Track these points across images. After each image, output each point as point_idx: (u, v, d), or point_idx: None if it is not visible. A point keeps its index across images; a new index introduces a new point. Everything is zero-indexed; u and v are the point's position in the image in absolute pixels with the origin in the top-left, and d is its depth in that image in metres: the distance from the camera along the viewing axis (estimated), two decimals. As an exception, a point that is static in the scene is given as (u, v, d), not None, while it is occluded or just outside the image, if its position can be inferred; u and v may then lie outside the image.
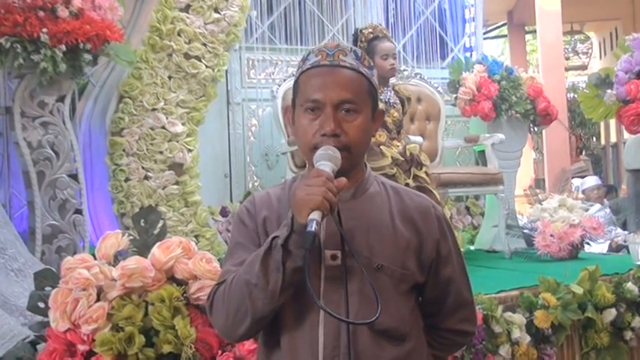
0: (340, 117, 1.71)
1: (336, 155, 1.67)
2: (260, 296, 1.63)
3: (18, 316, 2.96)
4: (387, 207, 1.80)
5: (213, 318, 1.76)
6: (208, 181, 5.25)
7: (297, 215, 1.58)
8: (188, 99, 4.98)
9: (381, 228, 1.75)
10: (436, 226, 1.82)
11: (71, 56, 3.75)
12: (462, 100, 5.78)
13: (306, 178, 1.64)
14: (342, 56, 1.75)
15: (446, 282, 1.85)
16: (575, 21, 14.91)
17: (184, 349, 2.48)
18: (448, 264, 1.84)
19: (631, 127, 4.77)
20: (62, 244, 3.91)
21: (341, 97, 1.71)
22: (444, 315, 1.88)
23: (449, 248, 1.85)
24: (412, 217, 1.80)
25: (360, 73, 1.75)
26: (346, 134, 1.70)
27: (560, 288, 3.66)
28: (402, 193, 1.85)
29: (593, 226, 4.97)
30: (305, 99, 1.73)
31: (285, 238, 1.61)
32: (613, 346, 3.77)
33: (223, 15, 5.08)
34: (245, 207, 1.83)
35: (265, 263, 1.62)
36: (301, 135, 1.75)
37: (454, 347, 2.07)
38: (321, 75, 1.74)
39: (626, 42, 4.86)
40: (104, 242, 2.69)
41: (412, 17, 6.62)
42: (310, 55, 1.78)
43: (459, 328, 1.92)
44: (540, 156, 14.37)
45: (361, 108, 1.74)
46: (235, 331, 1.72)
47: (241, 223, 1.81)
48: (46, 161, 3.90)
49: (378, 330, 1.70)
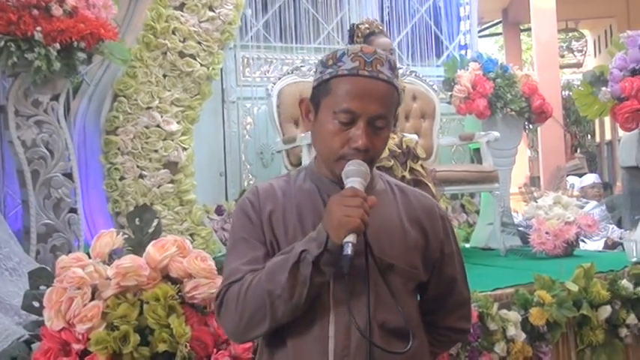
0: (371, 131, 1.68)
1: (367, 171, 1.66)
2: (281, 307, 1.62)
3: (13, 315, 2.96)
4: (395, 206, 1.80)
5: (223, 319, 1.73)
6: (203, 179, 5.25)
7: (334, 235, 1.57)
8: (183, 97, 4.98)
9: (391, 227, 1.75)
10: (440, 225, 1.84)
11: (65, 55, 3.74)
12: (457, 98, 5.78)
13: (342, 197, 1.60)
14: (379, 66, 1.69)
15: (449, 281, 1.86)
16: (570, 19, 14.93)
17: (179, 348, 2.47)
18: (451, 263, 1.86)
19: (625, 124, 4.77)
20: (57, 243, 3.90)
21: (377, 112, 1.68)
22: (443, 313, 1.89)
23: (452, 247, 1.86)
24: (418, 217, 1.80)
25: (394, 86, 1.72)
26: (374, 148, 1.69)
27: (555, 285, 3.66)
28: (407, 193, 1.85)
29: (588, 224, 4.98)
30: (338, 106, 1.68)
31: (317, 256, 1.59)
32: (608, 344, 3.78)
33: (218, 13, 5.08)
34: (249, 199, 1.78)
35: (293, 276, 1.60)
36: (327, 140, 1.71)
37: (451, 344, 2.12)
38: (359, 86, 1.68)
39: (620, 40, 4.86)
40: (99, 241, 2.68)
41: (407, 15, 6.62)
42: (345, 57, 1.71)
43: (458, 326, 1.94)
44: (535, 154, 14.39)
45: (389, 122, 1.72)
46: (246, 335, 1.72)
47: (245, 217, 1.76)
48: (40, 160, 3.89)
49: (388, 329, 1.69)
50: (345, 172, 1.65)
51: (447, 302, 1.89)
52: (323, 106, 1.72)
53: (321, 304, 1.68)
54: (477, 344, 3.28)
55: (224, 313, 1.71)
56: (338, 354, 1.66)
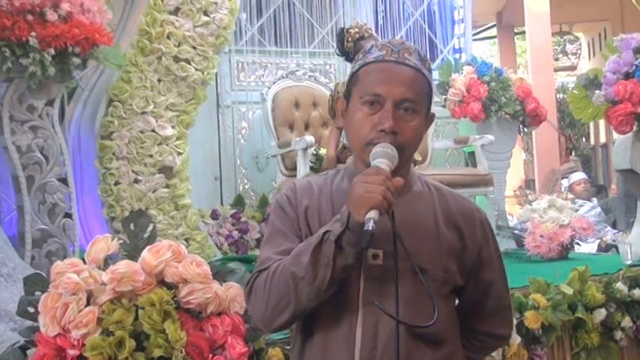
0: (399, 115, 1.69)
1: (393, 154, 1.65)
2: (305, 290, 1.61)
3: (7, 321, 2.95)
4: (432, 207, 1.78)
5: (252, 305, 1.73)
6: (198, 184, 5.25)
7: (355, 212, 1.56)
8: (178, 102, 4.97)
9: (425, 230, 1.73)
10: (479, 230, 1.82)
11: (60, 60, 3.74)
12: (451, 101, 5.80)
13: (364, 175, 1.60)
14: (407, 55, 1.72)
15: (486, 286, 1.84)
16: (564, 22, 14.98)
17: (175, 353, 2.47)
18: (489, 268, 1.84)
19: (620, 127, 4.78)
20: (52, 248, 3.89)
21: (403, 96, 1.69)
22: (482, 318, 1.87)
23: (490, 252, 1.85)
24: (456, 220, 1.79)
25: (422, 74, 1.73)
26: (403, 134, 1.69)
27: (550, 288, 3.66)
28: (445, 194, 1.83)
29: (582, 227, 4.99)
30: (365, 92, 1.71)
31: (339, 234, 1.59)
32: (603, 346, 3.78)
33: (213, 18, 5.08)
34: (286, 194, 1.80)
35: (315, 257, 1.60)
36: (356, 127, 1.72)
37: (489, 350, 2.07)
38: (385, 70, 1.71)
39: (614, 43, 4.87)
40: (94, 246, 2.68)
41: (401, 19, 6.64)
42: (373, 48, 1.75)
43: (496, 332, 1.91)
44: (530, 157, 14.41)
45: (419, 109, 1.72)
46: (273, 322, 1.69)
47: (282, 210, 1.78)
48: (35, 165, 3.88)
49: (417, 333, 1.67)
50: (372, 155, 1.65)
51: (485, 307, 1.86)
52: (353, 97, 1.75)
53: (350, 304, 1.67)
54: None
55: (253, 300, 1.71)
56: (365, 356, 1.65)
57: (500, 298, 1.89)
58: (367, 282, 1.67)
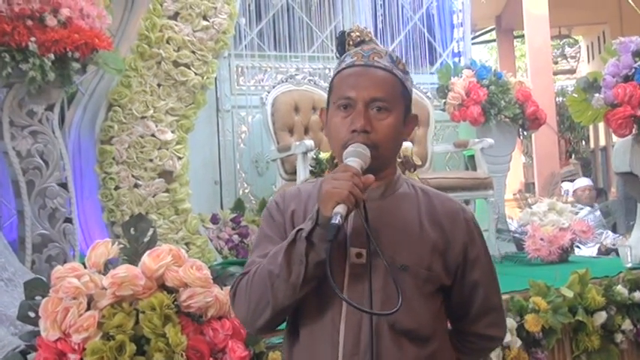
0: (371, 115, 1.74)
1: (365, 153, 1.69)
2: (282, 287, 1.65)
3: (8, 325, 2.95)
4: (416, 208, 1.81)
5: (236, 308, 1.79)
6: (198, 188, 5.25)
7: (323, 208, 1.60)
8: (177, 106, 4.98)
9: (408, 229, 1.76)
10: (465, 229, 1.83)
11: (60, 65, 3.74)
12: (450, 105, 5.80)
13: (333, 173, 1.65)
14: (377, 58, 1.79)
15: (473, 286, 1.85)
16: (563, 25, 14.99)
17: (175, 357, 2.47)
18: (476, 268, 1.85)
19: (619, 130, 4.79)
20: (52, 253, 3.89)
21: (372, 95, 1.74)
22: (471, 319, 1.88)
23: (477, 253, 1.85)
24: (440, 219, 1.81)
25: (393, 74, 1.78)
26: (376, 132, 1.73)
27: (550, 291, 3.67)
28: (431, 196, 1.86)
29: (582, 230, 4.99)
30: (338, 97, 1.77)
31: (310, 231, 1.63)
32: (604, 349, 3.78)
33: (212, 22, 5.09)
34: (275, 201, 1.87)
35: (289, 255, 1.64)
36: (333, 132, 1.78)
37: (481, 352, 2.06)
38: (354, 74, 1.78)
39: (613, 46, 4.88)
40: (94, 251, 2.68)
41: (400, 23, 6.64)
42: (347, 57, 1.83)
43: (487, 333, 1.92)
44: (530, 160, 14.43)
45: (392, 108, 1.76)
46: (256, 322, 1.74)
47: (270, 216, 1.84)
48: (35, 170, 3.89)
49: (400, 330, 1.70)
50: (344, 155, 1.70)
51: (473, 308, 1.87)
52: (330, 104, 1.82)
53: (334, 302, 1.70)
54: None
55: (237, 302, 1.77)
56: (347, 352, 1.68)
57: (489, 298, 1.89)
58: (350, 279, 1.71)
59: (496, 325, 1.93)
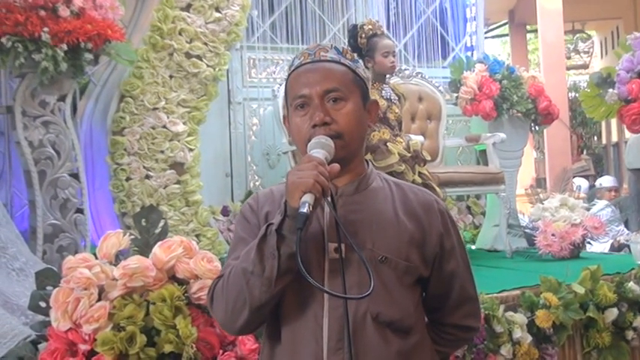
0: (328, 107, 1.75)
1: (328, 143, 1.70)
2: (257, 284, 1.64)
3: (19, 315, 2.96)
4: (390, 201, 1.82)
5: (214, 311, 1.78)
6: (209, 180, 5.25)
7: (290, 199, 1.60)
8: (189, 98, 4.98)
9: (385, 221, 1.76)
10: (439, 220, 1.84)
11: (72, 55, 3.75)
12: (463, 99, 5.77)
13: (297, 165, 1.65)
14: (322, 52, 1.81)
15: (449, 277, 1.86)
16: (577, 20, 14.92)
17: (185, 349, 2.48)
18: (452, 259, 1.86)
19: (632, 126, 4.76)
20: (63, 243, 3.91)
21: (324, 87, 1.75)
22: (448, 310, 1.90)
23: (452, 243, 1.86)
24: (415, 210, 1.82)
25: (341, 64, 1.80)
26: (336, 122, 1.74)
27: (561, 287, 3.65)
28: (405, 188, 1.87)
29: (594, 226, 4.97)
30: (293, 98, 1.79)
31: (279, 223, 1.62)
32: (615, 346, 3.77)
33: (224, 14, 5.08)
34: (249, 204, 1.86)
35: (261, 250, 1.64)
36: (295, 132, 1.79)
37: (458, 343, 2.08)
38: (304, 72, 1.79)
39: (627, 41, 4.84)
40: (105, 242, 2.69)
41: (413, 16, 6.62)
42: (295, 59, 1.85)
43: (463, 324, 1.93)
44: (541, 155, 14.38)
45: (348, 96, 1.77)
46: (235, 323, 1.72)
47: (244, 219, 1.83)
48: (47, 160, 3.90)
49: (383, 322, 1.71)
50: (308, 149, 1.70)
51: (450, 299, 1.88)
52: (289, 106, 1.83)
53: (315, 298, 1.71)
54: (483, 346, 3.28)
55: (215, 305, 1.75)
56: (332, 347, 1.68)
57: (465, 289, 1.91)
58: (330, 275, 1.71)
59: (472, 316, 1.95)
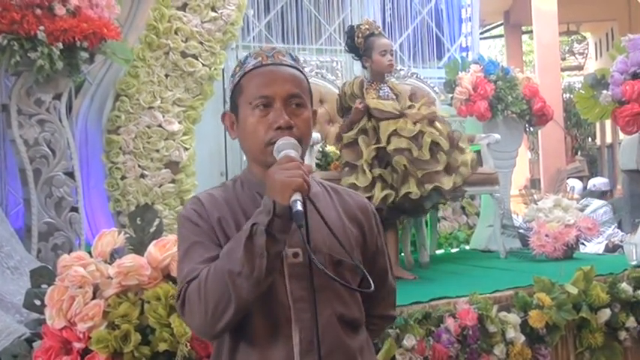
0: (290, 111, 1.77)
1: (297, 144, 1.72)
2: (244, 284, 1.61)
3: (14, 313, 2.97)
4: (333, 205, 1.87)
5: (188, 316, 1.71)
6: (204, 179, 5.24)
7: (280, 198, 1.59)
8: (185, 97, 4.98)
9: (332, 225, 1.76)
10: (374, 221, 1.95)
11: (68, 54, 3.75)
12: (457, 99, 5.79)
13: (279, 164, 1.65)
14: (281, 56, 1.83)
15: (383, 272, 1.97)
16: (572, 21, 14.97)
17: (180, 347, 2.48)
18: (383, 255, 1.98)
19: (626, 127, 4.77)
20: (58, 241, 3.91)
21: (289, 92, 1.77)
22: (376, 303, 1.96)
23: (382, 241, 1.99)
24: (355, 214, 1.90)
25: (300, 71, 1.84)
26: (298, 127, 1.76)
27: (554, 288, 3.66)
28: (341, 192, 1.94)
29: (588, 226, 4.98)
30: (253, 97, 1.78)
31: (269, 223, 1.60)
32: (607, 346, 3.78)
33: (220, 14, 5.09)
34: (193, 209, 1.80)
35: (249, 250, 1.60)
36: (251, 132, 1.78)
37: (380, 332, 2.24)
38: (266, 73, 1.80)
39: (621, 43, 4.86)
40: (100, 240, 2.69)
41: (409, 17, 6.63)
42: (248, 58, 1.85)
43: (388, 314, 2.07)
44: (536, 156, 14.41)
45: (306, 103, 1.81)
46: (215, 326, 1.66)
47: (193, 224, 1.78)
48: (42, 159, 3.90)
49: (346, 320, 1.78)
50: (277, 148, 1.70)
51: (380, 292, 1.93)
52: (240, 106, 1.82)
53: (281, 305, 1.72)
54: (476, 346, 3.29)
55: (188, 310, 1.69)
56: (304, 349, 1.70)
57: (390, 282, 2.02)
58: (292, 280, 1.73)
59: (393, 306, 2.08)
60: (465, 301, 3.37)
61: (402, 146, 4.14)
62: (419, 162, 4.15)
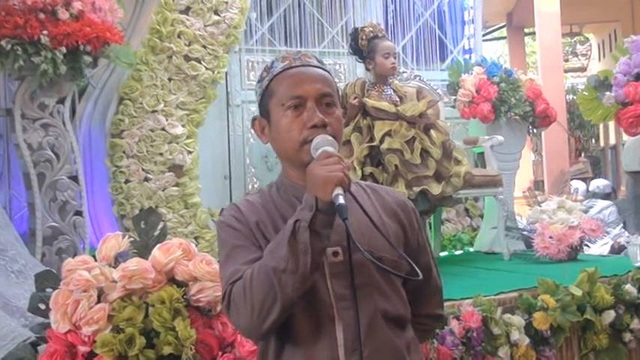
0: (323, 110, 1.78)
1: (334, 141, 1.72)
2: (289, 281, 1.62)
3: (19, 317, 2.97)
4: (371, 203, 1.86)
5: (234, 317, 1.71)
6: (208, 182, 5.26)
7: (322, 193, 1.60)
8: (188, 101, 5.00)
9: (371, 223, 1.76)
10: (413, 217, 1.94)
11: (71, 58, 3.76)
12: (461, 101, 5.79)
13: (318, 161, 1.65)
14: (307, 59, 1.85)
15: (426, 270, 1.92)
16: (575, 23, 14.94)
17: (185, 351, 2.48)
18: (425, 252, 1.96)
19: (630, 129, 4.78)
20: (62, 245, 3.91)
21: (321, 91, 1.78)
22: (423, 301, 1.95)
23: (424, 238, 1.97)
24: (394, 210, 1.89)
25: (327, 72, 1.85)
26: (331, 126, 1.77)
27: (559, 290, 3.66)
28: (378, 190, 1.94)
29: (592, 228, 4.97)
30: (285, 98, 1.78)
31: (311, 219, 1.61)
32: (612, 348, 3.77)
33: (223, 17, 5.10)
34: (230, 215, 1.83)
35: (293, 246, 1.61)
36: (285, 134, 1.78)
37: (429, 333, 2.22)
38: (296, 75, 1.81)
39: (624, 44, 4.86)
40: (105, 244, 2.69)
41: (411, 19, 6.63)
42: (275, 63, 1.86)
43: (436, 313, 2.04)
44: (539, 158, 14.39)
45: (336, 102, 1.82)
46: (263, 325, 1.66)
47: (233, 229, 1.80)
48: (46, 163, 3.91)
49: (391, 318, 1.76)
50: (314, 146, 1.71)
51: (425, 291, 1.94)
52: (272, 109, 1.82)
53: (324, 304, 1.71)
54: (481, 348, 3.28)
55: (234, 311, 1.70)
56: (348, 348, 1.70)
57: (436, 280, 2.01)
58: (333, 279, 1.73)
59: (441, 305, 2.06)
60: (469, 303, 3.37)
61: (395, 146, 4.18)
62: (409, 165, 4.21)
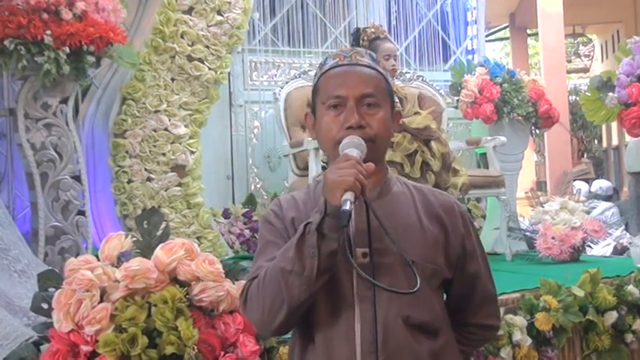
0: (363, 111, 1.77)
1: (361, 143, 1.71)
2: (296, 283, 1.64)
3: (21, 317, 2.97)
4: (412, 205, 1.84)
5: (249, 313, 1.77)
6: (210, 182, 5.26)
7: (331, 197, 1.60)
8: (191, 101, 5.00)
9: (409, 225, 1.78)
10: (460, 222, 1.88)
11: (74, 58, 3.76)
12: (463, 102, 5.79)
13: (335, 164, 1.66)
14: (358, 57, 1.83)
15: (472, 277, 1.90)
16: (577, 23, 14.94)
17: (187, 350, 2.48)
18: (473, 260, 1.90)
19: (632, 130, 4.77)
20: (65, 245, 3.91)
21: (362, 92, 1.77)
22: (471, 310, 1.93)
23: (473, 244, 1.90)
24: (438, 213, 1.85)
25: (377, 71, 1.83)
26: (370, 127, 1.76)
27: (561, 290, 3.65)
28: (425, 192, 1.90)
29: (594, 229, 4.97)
30: (327, 97, 1.79)
31: (320, 222, 1.62)
32: (614, 349, 3.77)
33: (226, 17, 5.10)
34: (272, 209, 1.87)
35: (300, 249, 1.63)
36: (324, 132, 1.80)
37: (481, 342, 2.17)
38: (341, 74, 1.81)
39: (627, 45, 4.85)
40: (107, 244, 2.69)
41: (414, 20, 6.63)
42: (328, 59, 1.86)
43: (487, 323, 1.98)
44: (542, 158, 14.39)
45: (381, 103, 1.80)
46: (272, 323, 1.71)
47: (269, 223, 1.84)
48: (49, 163, 3.91)
49: (414, 324, 1.74)
50: (341, 147, 1.72)
51: (473, 299, 1.92)
52: (317, 107, 1.84)
53: (346, 302, 1.72)
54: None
55: (249, 307, 1.75)
56: (365, 350, 1.70)
57: (487, 288, 1.95)
58: (359, 280, 1.72)
59: (494, 315, 1.99)
60: (472, 304, 3.37)
61: (396, 160, 4.17)
62: (409, 178, 4.20)
